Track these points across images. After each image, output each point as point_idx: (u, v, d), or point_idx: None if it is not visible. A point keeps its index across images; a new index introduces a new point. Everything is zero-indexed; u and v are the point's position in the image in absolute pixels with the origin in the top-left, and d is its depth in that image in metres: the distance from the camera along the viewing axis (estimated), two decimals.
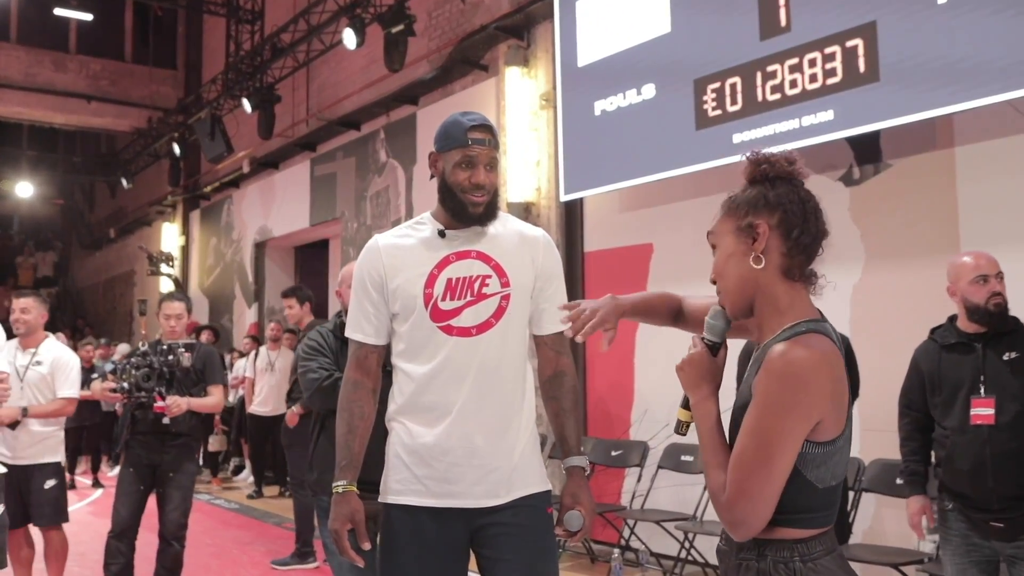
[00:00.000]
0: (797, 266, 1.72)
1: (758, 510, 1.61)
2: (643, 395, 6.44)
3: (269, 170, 12.04)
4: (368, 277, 2.50)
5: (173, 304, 5.06)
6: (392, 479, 2.47)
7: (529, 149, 7.29)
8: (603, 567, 5.86)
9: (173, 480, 4.86)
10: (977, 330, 3.28)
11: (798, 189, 1.74)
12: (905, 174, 5.03)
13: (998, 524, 3.12)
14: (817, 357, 1.61)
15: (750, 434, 1.62)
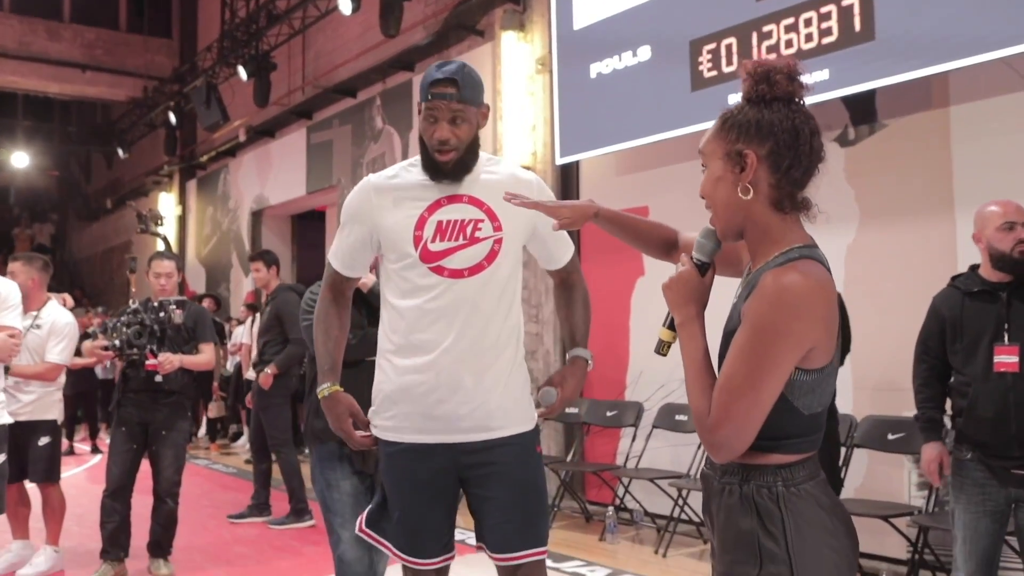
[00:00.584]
0: (787, 197, 1.67)
1: (742, 434, 1.59)
2: (638, 357, 6.48)
3: (265, 139, 12.01)
4: (356, 214, 2.54)
5: (163, 262, 5.06)
6: (382, 415, 2.51)
7: (525, 114, 7.28)
8: (598, 526, 5.91)
9: (166, 438, 4.88)
10: (1001, 278, 3.24)
11: (795, 114, 1.66)
12: (900, 134, 5.04)
13: (1019, 471, 3.12)
14: (811, 283, 1.57)
15: (739, 358, 1.59)
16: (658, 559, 5.20)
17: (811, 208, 1.71)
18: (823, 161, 1.70)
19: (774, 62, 1.70)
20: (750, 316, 1.61)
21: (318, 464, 3.64)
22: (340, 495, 3.60)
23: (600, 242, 6.90)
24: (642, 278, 6.52)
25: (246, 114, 11.85)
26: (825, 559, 1.63)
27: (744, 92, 1.72)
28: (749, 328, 1.60)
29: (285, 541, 5.80)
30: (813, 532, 1.63)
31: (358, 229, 2.52)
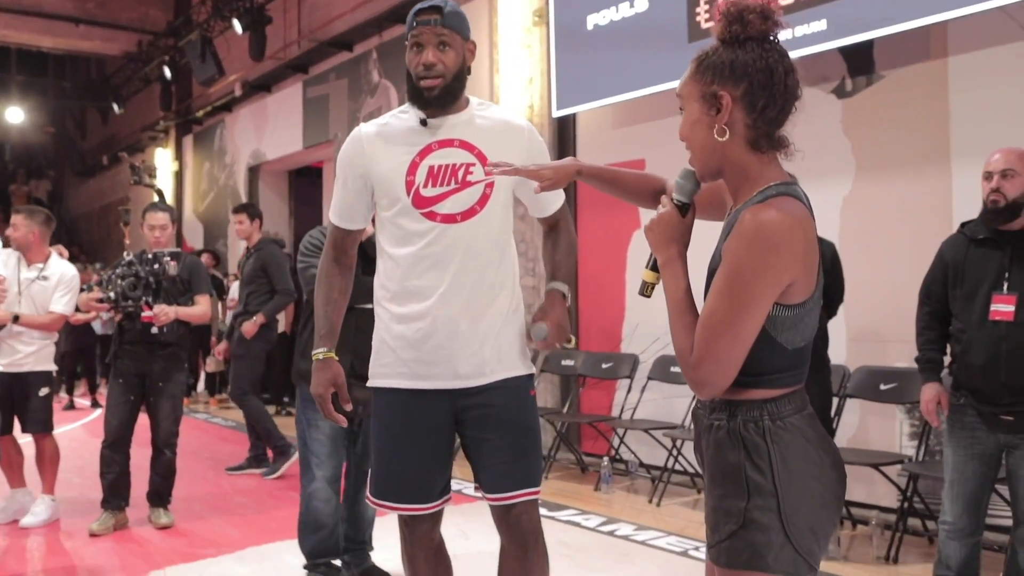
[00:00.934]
0: (763, 136, 1.68)
1: (723, 371, 1.62)
2: (634, 309, 6.50)
3: (261, 93, 11.93)
4: (349, 165, 2.55)
5: (157, 214, 5.03)
6: (378, 363, 2.55)
7: (522, 67, 7.23)
8: (593, 477, 5.99)
9: (163, 390, 4.91)
10: (1009, 227, 3.26)
11: (768, 53, 1.66)
12: (898, 85, 5.02)
13: (1008, 417, 3.17)
14: (788, 219, 1.59)
15: (719, 296, 1.61)
16: (652, 508, 5.27)
17: (788, 146, 1.72)
18: (799, 99, 1.70)
19: (747, 1, 1.69)
20: (729, 254, 1.63)
21: (302, 403, 3.75)
22: (319, 436, 3.70)
23: (595, 196, 6.89)
24: (638, 231, 6.52)
25: (241, 68, 11.75)
26: (811, 490, 1.66)
27: (717, 33, 1.71)
28: (728, 266, 1.62)
29: (283, 491, 5.86)
30: (799, 464, 1.66)
31: (352, 179, 2.54)
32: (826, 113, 5.24)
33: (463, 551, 4.19)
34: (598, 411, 6.60)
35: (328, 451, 3.73)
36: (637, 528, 4.80)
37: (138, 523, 4.99)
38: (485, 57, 7.64)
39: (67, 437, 7.61)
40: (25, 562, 4.40)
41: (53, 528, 5.01)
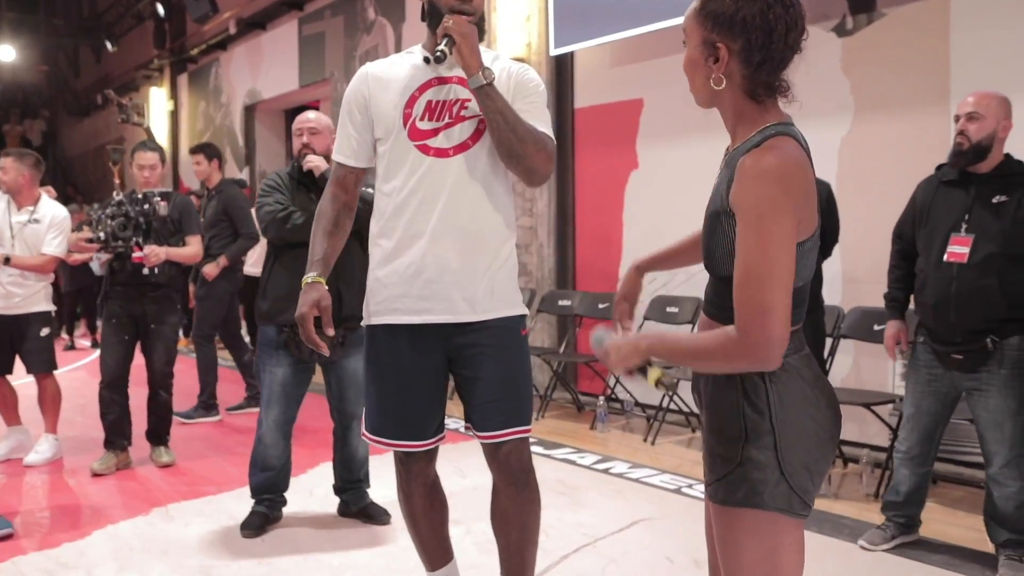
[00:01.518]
0: (761, 87, 1.68)
1: (780, 321, 1.56)
2: (631, 248, 6.51)
3: (256, 31, 11.77)
4: (354, 101, 2.57)
5: (146, 154, 4.97)
6: (372, 301, 2.58)
7: (519, 4, 7.12)
8: (589, 415, 6.05)
9: (156, 332, 4.90)
10: (977, 169, 3.32)
11: (771, 7, 1.63)
12: (898, 23, 4.95)
13: (958, 356, 3.29)
14: (788, 160, 1.59)
15: (748, 248, 1.59)
16: (647, 447, 5.34)
17: (788, 90, 1.71)
18: (801, 52, 1.68)
19: None
20: (741, 205, 1.61)
21: (260, 345, 3.80)
22: (271, 380, 3.79)
23: (593, 134, 6.86)
24: (635, 171, 6.50)
25: (236, 5, 11.58)
26: (807, 429, 1.68)
27: None
28: (745, 217, 1.60)
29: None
30: (796, 404, 1.67)
31: (356, 115, 2.57)
32: (826, 52, 5.18)
33: (460, 488, 4.27)
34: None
35: (276, 395, 3.79)
36: (632, 466, 4.87)
37: (140, 463, 5.06)
38: None
39: (68, 377, 7.67)
40: (29, 499, 4.47)
41: (56, 466, 5.08)
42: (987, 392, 3.26)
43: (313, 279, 2.56)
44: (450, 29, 2.38)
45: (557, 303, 6.64)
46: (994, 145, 3.31)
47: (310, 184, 3.82)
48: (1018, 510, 3.26)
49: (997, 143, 3.31)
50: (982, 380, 3.27)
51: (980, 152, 3.29)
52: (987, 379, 3.26)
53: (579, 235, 6.99)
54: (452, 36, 2.37)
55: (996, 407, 3.25)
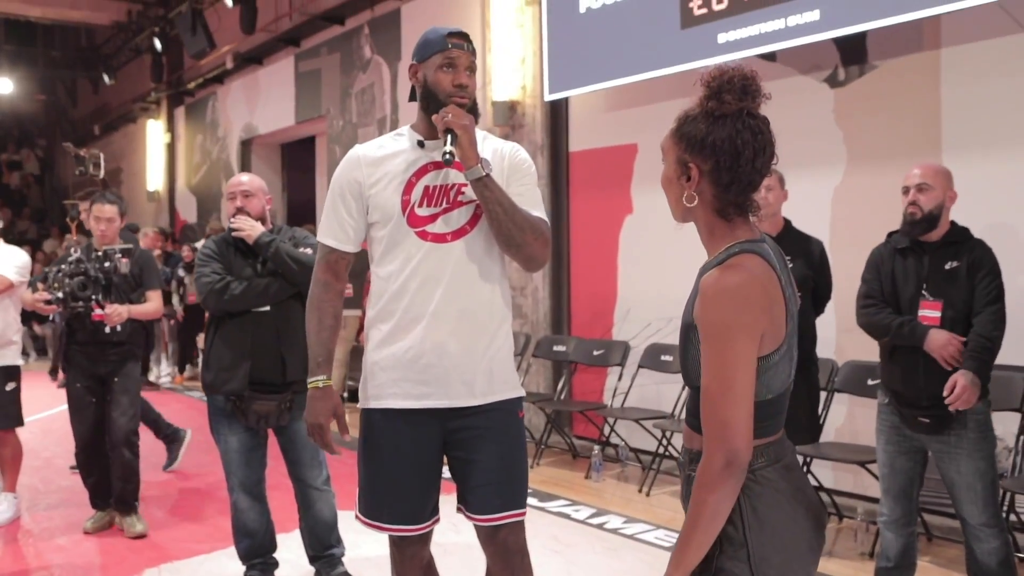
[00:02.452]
0: (730, 206, 1.74)
1: (739, 433, 1.61)
2: (625, 295, 6.51)
3: (253, 66, 11.82)
4: (347, 185, 2.54)
5: (104, 206, 4.70)
6: (370, 384, 2.55)
7: (514, 46, 7.17)
8: (584, 462, 6.03)
9: (118, 384, 4.67)
10: (928, 238, 3.43)
11: (740, 134, 1.69)
12: (890, 75, 4.98)
13: (924, 419, 3.34)
14: (745, 276, 1.65)
15: (707, 368, 1.65)
16: (642, 498, 5.31)
17: (758, 210, 1.78)
18: (770, 174, 1.77)
19: (731, 75, 1.72)
20: (702, 324, 1.68)
21: (210, 414, 3.79)
22: (227, 449, 3.77)
23: (588, 178, 6.88)
24: (630, 216, 6.51)
25: (233, 40, 11.63)
26: (783, 541, 1.69)
27: (696, 101, 1.76)
28: (704, 335, 1.67)
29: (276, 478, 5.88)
30: (771, 516, 1.69)
31: (349, 199, 2.55)
32: (818, 102, 5.21)
33: (453, 543, 4.24)
34: (589, 396, 6.63)
35: (236, 462, 3.76)
36: (627, 520, 4.84)
37: None
38: (477, 36, 7.57)
39: (47, 421, 7.61)
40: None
41: (12, 528, 4.89)
42: (956, 455, 3.31)
43: (324, 383, 2.53)
44: (451, 123, 2.37)
45: (552, 348, 6.63)
46: (942, 214, 3.41)
47: (247, 250, 3.77)
48: (1001, 566, 3.29)
49: (945, 212, 3.42)
50: (950, 443, 3.31)
51: (932, 221, 3.40)
52: (955, 442, 3.30)
53: (574, 279, 6.99)
54: (454, 130, 2.37)
55: (967, 469, 3.29)
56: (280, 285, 3.70)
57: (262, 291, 3.69)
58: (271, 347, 3.70)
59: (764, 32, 5.12)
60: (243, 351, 3.67)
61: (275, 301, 3.71)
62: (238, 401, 3.65)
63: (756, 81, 1.73)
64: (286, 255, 3.67)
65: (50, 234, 19.09)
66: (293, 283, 3.70)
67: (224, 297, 3.66)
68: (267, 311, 3.72)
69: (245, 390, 3.64)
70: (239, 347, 3.68)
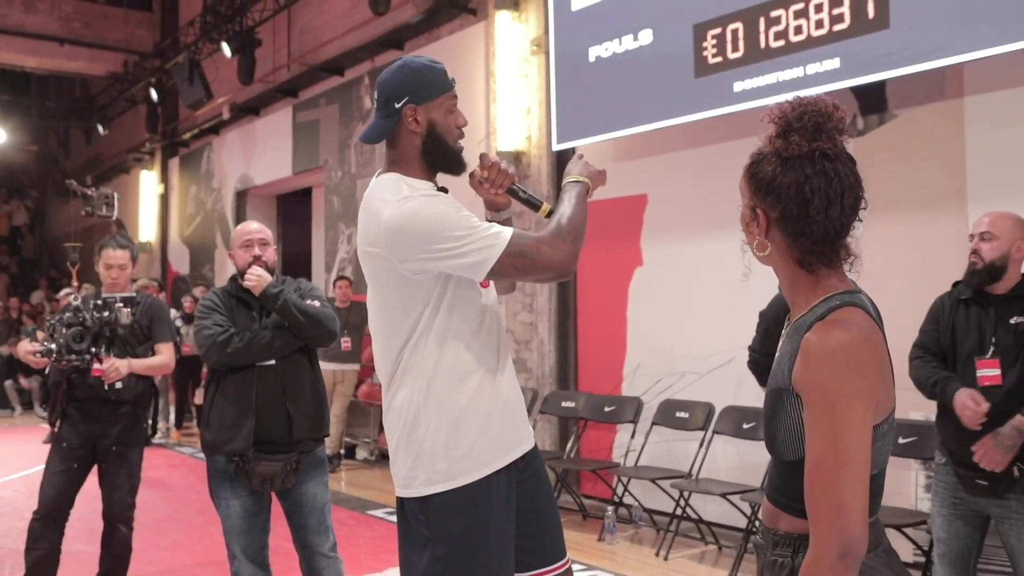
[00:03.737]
0: (812, 256, 1.55)
1: (856, 521, 1.42)
2: (635, 350, 6.32)
3: (250, 116, 11.73)
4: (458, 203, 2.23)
5: (115, 252, 4.29)
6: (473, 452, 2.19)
7: (519, 96, 7.08)
8: (595, 523, 5.79)
9: (117, 454, 4.22)
10: (994, 289, 3.25)
11: (809, 178, 1.51)
12: (912, 124, 4.88)
13: (983, 482, 3.16)
14: (859, 335, 1.45)
15: (819, 440, 1.44)
16: (659, 562, 5.08)
17: (851, 257, 1.58)
18: (855, 222, 1.57)
19: (802, 110, 1.54)
20: (809, 389, 1.47)
21: (210, 476, 3.56)
22: (229, 514, 3.51)
23: (596, 229, 6.72)
24: (640, 268, 6.35)
25: (230, 91, 11.55)
26: None
27: (765, 142, 1.58)
28: (813, 403, 1.46)
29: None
30: None
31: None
32: None
33: None
34: (599, 453, 6.41)
35: (239, 527, 3.50)
36: None
37: None
38: (481, 86, 7.49)
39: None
40: None
41: None
42: (1017, 521, 3.11)
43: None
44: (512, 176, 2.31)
45: (560, 404, 6.42)
46: (1009, 265, 3.24)
47: (250, 300, 3.56)
48: None
49: (1012, 263, 3.24)
50: (1011, 508, 3.13)
51: (994, 272, 3.23)
52: (1016, 507, 3.11)
53: (581, 333, 6.80)
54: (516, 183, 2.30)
55: None
56: (286, 338, 3.50)
57: (267, 344, 3.48)
58: (276, 404, 3.48)
59: (782, 80, 5.02)
60: (247, 408, 3.45)
61: (280, 355, 3.50)
62: (241, 462, 3.42)
63: (835, 117, 1.54)
64: (294, 307, 3.47)
65: (38, 286, 18.80)
66: (300, 336, 3.51)
67: (227, 350, 3.44)
68: (272, 365, 3.50)
69: (249, 450, 3.41)
70: (242, 404, 3.46)
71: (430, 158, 2.27)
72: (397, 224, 2.13)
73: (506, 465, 2.22)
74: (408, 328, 2.20)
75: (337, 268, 9.78)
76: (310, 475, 3.53)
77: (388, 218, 2.15)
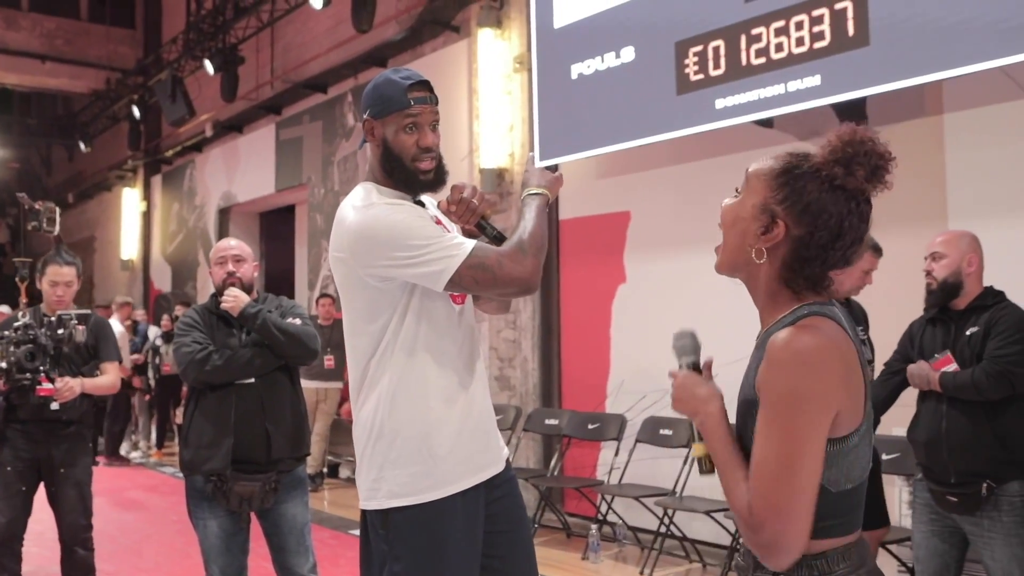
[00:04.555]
0: (802, 278, 1.52)
1: (793, 527, 1.40)
2: (619, 367, 6.31)
3: (233, 134, 11.70)
4: (424, 213, 2.20)
5: (62, 269, 4.17)
6: (440, 470, 2.16)
7: (502, 113, 7.08)
8: (579, 541, 5.76)
9: (66, 476, 4.09)
10: (955, 306, 3.32)
11: (849, 215, 1.49)
12: (892, 141, 4.81)
13: (952, 498, 3.16)
14: (823, 341, 1.43)
15: (766, 439, 1.43)
16: None
17: (829, 287, 1.55)
18: (849, 266, 1.55)
19: (869, 147, 1.52)
20: (765, 389, 1.45)
21: (188, 497, 3.50)
22: (207, 534, 3.46)
23: (579, 246, 6.73)
24: (623, 285, 6.35)
25: (213, 108, 11.53)
26: None
27: (820, 157, 1.53)
28: (768, 403, 1.44)
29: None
30: None
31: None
32: None
33: None
34: (583, 471, 6.38)
35: (217, 548, 3.44)
36: None
37: None
38: (464, 103, 7.49)
39: None
40: None
41: None
42: (991, 540, 3.11)
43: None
44: (480, 209, 2.22)
45: (543, 422, 6.39)
46: (964, 281, 3.28)
47: (231, 319, 3.52)
48: None
49: (967, 278, 3.28)
50: (984, 527, 3.12)
51: (949, 289, 3.28)
52: (989, 526, 3.11)
53: (565, 350, 6.78)
54: (485, 217, 2.24)
55: (1003, 556, 3.09)
56: (266, 357, 3.46)
57: (246, 363, 3.44)
58: (256, 422, 3.43)
59: (764, 97, 5.04)
60: (225, 427, 3.40)
61: (260, 373, 3.47)
62: (219, 481, 3.38)
63: (889, 166, 1.54)
64: (273, 326, 3.44)
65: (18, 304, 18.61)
66: (280, 355, 3.47)
67: (205, 368, 3.39)
68: (251, 384, 3.46)
69: (227, 469, 3.37)
70: (221, 423, 3.41)
71: (389, 172, 2.25)
72: (360, 229, 2.13)
73: (473, 486, 2.19)
74: (375, 336, 2.18)
75: (320, 286, 9.73)
76: (289, 495, 3.49)
77: (351, 223, 2.15)
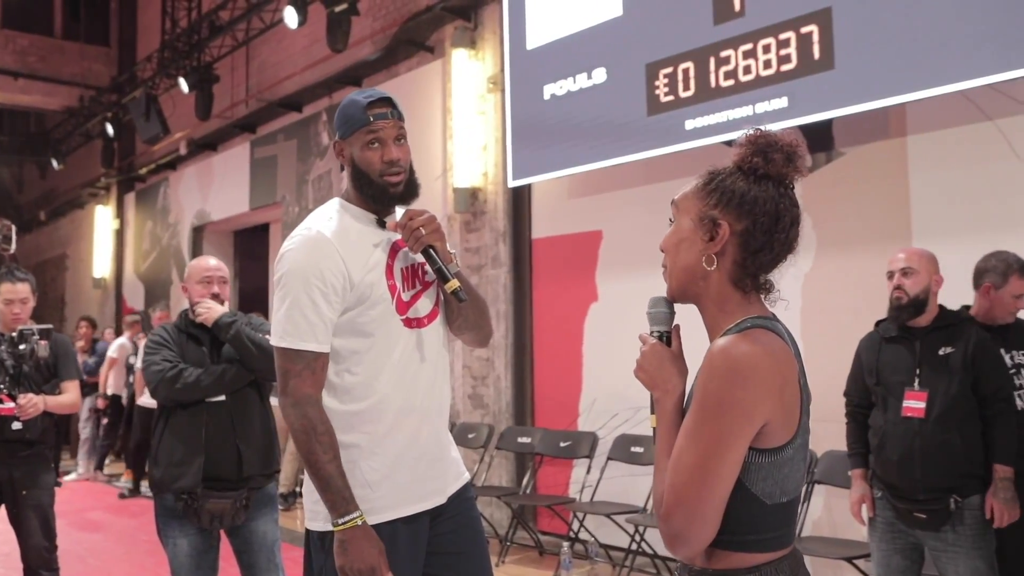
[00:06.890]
0: (750, 277, 1.58)
1: (696, 523, 1.45)
2: (591, 385, 6.34)
3: (207, 152, 11.67)
4: (328, 273, 2.17)
5: (16, 286, 4.11)
6: (375, 495, 2.19)
7: (476, 133, 7.13)
8: (551, 560, 5.76)
9: (28, 498, 4.02)
10: (916, 323, 3.36)
11: (781, 198, 1.56)
12: (857, 162, 4.99)
13: (921, 515, 3.21)
14: (759, 350, 1.46)
15: (687, 436, 1.47)
16: None
17: (772, 291, 1.61)
18: (794, 252, 1.61)
19: (777, 137, 1.59)
20: (698, 389, 1.49)
21: (158, 516, 3.47)
22: (176, 553, 3.44)
23: (551, 265, 6.77)
24: (595, 304, 6.39)
25: (187, 126, 11.50)
26: None
27: (737, 158, 1.61)
28: (695, 403, 1.48)
29: None
30: None
31: (331, 293, 2.17)
32: None
33: None
34: (555, 489, 6.39)
35: (187, 567, 3.42)
36: None
37: None
38: (438, 123, 7.54)
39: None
40: None
41: None
42: (955, 554, 3.17)
43: (362, 519, 2.10)
44: (426, 239, 2.21)
45: (516, 440, 6.40)
46: (929, 298, 3.36)
47: (201, 335, 3.52)
48: None
49: (932, 296, 3.37)
50: (947, 541, 3.18)
51: (919, 306, 3.34)
52: (953, 539, 3.17)
53: (538, 368, 6.81)
54: (433, 246, 2.23)
55: (967, 569, 3.15)
56: (237, 372, 3.45)
57: (217, 379, 3.43)
58: (226, 440, 3.42)
59: (732, 119, 5.12)
60: (196, 445, 3.39)
61: (232, 390, 3.46)
62: (190, 499, 3.37)
63: (800, 152, 1.60)
64: (247, 338, 3.44)
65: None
66: (251, 369, 3.47)
67: (176, 386, 3.37)
68: (222, 401, 3.45)
69: (198, 487, 3.36)
70: (191, 440, 3.40)
71: (360, 189, 2.30)
72: (281, 251, 2.28)
73: (415, 514, 2.22)
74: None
75: None
76: (260, 512, 3.48)
77: (285, 242, 2.29)
